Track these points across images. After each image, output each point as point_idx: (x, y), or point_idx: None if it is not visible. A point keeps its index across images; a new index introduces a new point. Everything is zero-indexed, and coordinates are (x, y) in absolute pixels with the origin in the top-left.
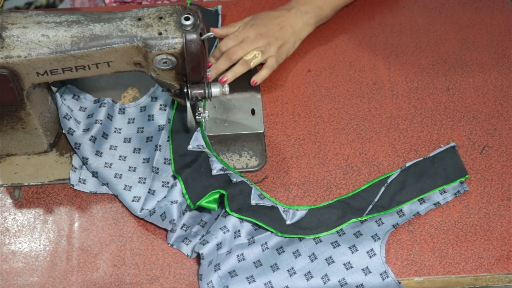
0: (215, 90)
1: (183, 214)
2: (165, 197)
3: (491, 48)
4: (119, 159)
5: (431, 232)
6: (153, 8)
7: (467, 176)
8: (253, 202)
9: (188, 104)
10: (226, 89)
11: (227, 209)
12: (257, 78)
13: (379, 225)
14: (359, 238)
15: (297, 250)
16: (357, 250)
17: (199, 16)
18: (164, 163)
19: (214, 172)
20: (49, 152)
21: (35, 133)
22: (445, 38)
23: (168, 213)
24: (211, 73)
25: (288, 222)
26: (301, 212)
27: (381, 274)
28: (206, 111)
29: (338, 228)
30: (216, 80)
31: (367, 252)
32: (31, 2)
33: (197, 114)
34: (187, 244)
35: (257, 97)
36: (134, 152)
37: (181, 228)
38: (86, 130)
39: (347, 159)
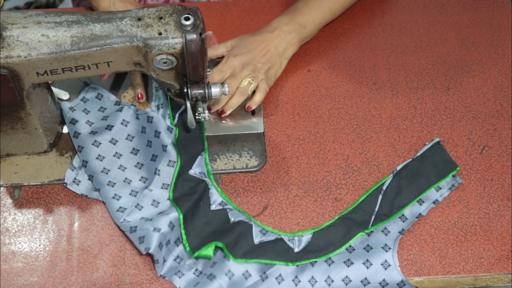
0: (215, 90)
1: (177, 246)
2: (151, 219)
3: (491, 48)
4: (118, 168)
5: (431, 232)
6: (153, 8)
7: (457, 168)
8: (256, 241)
9: (188, 104)
10: (226, 89)
11: (231, 258)
12: (252, 104)
13: (386, 235)
14: (370, 252)
15: (313, 277)
16: (371, 264)
17: (199, 16)
18: (162, 187)
19: (212, 207)
20: (49, 152)
21: (35, 133)
22: (445, 38)
23: (147, 240)
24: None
25: (296, 250)
26: (306, 237)
27: (398, 284)
28: (206, 111)
29: (347, 245)
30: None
31: (382, 265)
32: (31, 2)
33: (197, 114)
34: (179, 277)
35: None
36: (135, 166)
37: (174, 260)
38: (94, 133)
39: (347, 159)
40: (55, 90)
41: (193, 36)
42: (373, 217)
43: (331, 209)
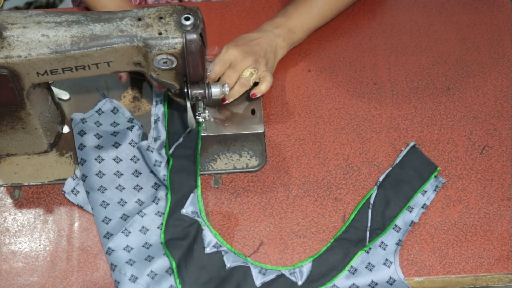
0: (215, 90)
1: None
2: (131, 264)
3: (491, 48)
4: (116, 188)
5: (431, 232)
6: (153, 8)
7: (438, 168)
8: (258, 283)
9: (188, 104)
10: (226, 89)
11: None
12: (257, 91)
13: (384, 249)
14: (373, 270)
15: None
16: (376, 284)
17: (199, 16)
18: (156, 214)
19: (207, 250)
20: (49, 152)
21: (35, 133)
22: (445, 38)
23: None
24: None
25: (300, 283)
26: (307, 267)
27: None
28: (206, 111)
29: (348, 266)
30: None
31: (387, 282)
32: (31, 2)
33: (197, 114)
34: None
35: (257, 97)
36: (134, 188)
37: None
38: (99, 148)
39: (347, 159)
40: (55, 90)
41: (193, 36)
42: (367, 233)
43: (331, 209)
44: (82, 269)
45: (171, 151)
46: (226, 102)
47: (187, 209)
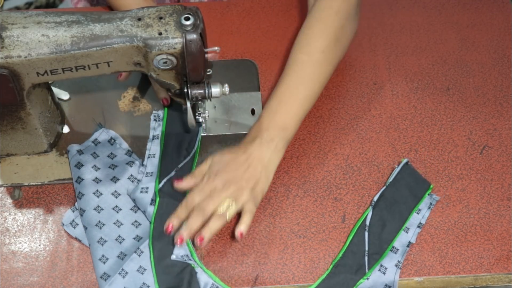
0: (215, 90)
1: None
2: None
3: (491, 48)
4: (114, 223)
5: (431, 232)
6: (153, 8)
7: (431, 186)
8: None
9: (188, 104)
10: (226, 89)
11: None
12: (242, 228)
13: (384, 273)
14: None
15: None
16: None
17: (199, 16)
18: None
19: None
20: (49, 152)
21: (35, 133)
22: (445, 38)
23: None
24: (183, 234)
25: None
26: None
27: None
28: (206, 111)
29: None
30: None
31: None
32: (31, 2)
33: (197, 114)
34: None
35: (257, 97)
36: (133, 224)
37: None
38: (98, 181)
39: (347, 159)
40: (55, 90)
41: (193, 36)
42: (366, 258)
43: (331, 209)
44: (82, 269)
45: (160, 185)
46: (204, 241)
47: (176, 253)
